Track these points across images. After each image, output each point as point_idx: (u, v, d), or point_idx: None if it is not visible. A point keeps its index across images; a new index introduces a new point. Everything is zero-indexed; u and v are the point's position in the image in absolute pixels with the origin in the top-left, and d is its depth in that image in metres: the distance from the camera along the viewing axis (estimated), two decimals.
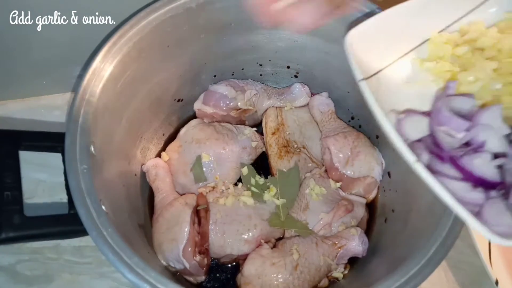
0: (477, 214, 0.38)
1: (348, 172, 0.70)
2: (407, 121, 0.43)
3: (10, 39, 0.68)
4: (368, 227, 0.70)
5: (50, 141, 0.58)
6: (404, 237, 0.60)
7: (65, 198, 0.54)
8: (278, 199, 0.68)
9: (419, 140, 0.43)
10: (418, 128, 0.43)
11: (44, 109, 0.81)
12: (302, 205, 0.68)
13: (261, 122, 0.78)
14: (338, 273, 0.64)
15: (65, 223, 0.54)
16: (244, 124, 0.78)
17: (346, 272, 0.66)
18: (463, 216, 0.37)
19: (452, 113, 0.42)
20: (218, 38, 0.70)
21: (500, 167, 0.39)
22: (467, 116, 0.43)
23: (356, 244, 0.63)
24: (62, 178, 0.52)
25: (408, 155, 0.39)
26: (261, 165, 0.75)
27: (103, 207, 0.51)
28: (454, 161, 0.40)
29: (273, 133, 0.75)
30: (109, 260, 0.48)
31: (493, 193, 0.39)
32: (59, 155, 0.56)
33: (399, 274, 0.49)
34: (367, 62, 0.46)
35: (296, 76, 0.80)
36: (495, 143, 0.40)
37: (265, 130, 0.76)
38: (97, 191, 0.51)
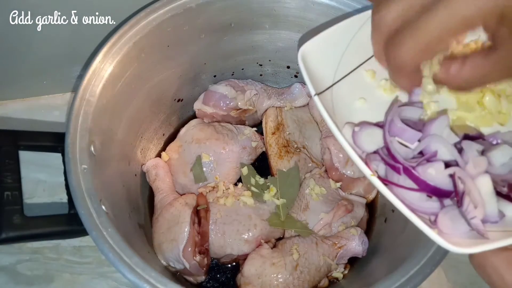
0: (434, 223, 0.39)
1: (348, 172, 0.70)
2: (363, 133, 0.43)
3: (10, 39, 0.68)
4: (368, 227, 0.70)
5: (50, 141, 0.58)
6: (404, 237, 0.60)
7: (65, 198, 0.54)
8: (278, 199, 0.68)
9: (375, 152, 0.43)
10: (373, 140, 0.43)
11: (44, 109, 0.81)
12: (302, 205, 0.68)
13: (261, 122, 0.78)
14: (338, 273, 0.64)
15: (65, 223, 0.54)
16: (244, 124, 0.78)
17: (346, 272, 0.66)
18: (420, 227, 0.38)
19: (404, 124, 0.43)
20: (218, 38, 0.70)
21: (451, 175, 0.40)
22: (418, 126, 0.44)
23: (356, 244, 0.63)
24: (62, 178, 0.52)
25: (364, 169, 0.40)
26: (261, 165, 0.75)
27: (103, 207, 0.51)
28: (408, 172, 0.40)
29: (273, 133, 0.75)
30: (109, 260, 0.48)
31: (447, 201, 0.40)
32: (59, 155, 0.56)
33: (399, 274, 0.49)
34: (321, 75, 0.46)
35: (296, 76, 0.81)
36: (445, 152, 0.41)
37: (265, 130, 0.76)
38: (97, 191, 0.51)
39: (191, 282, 0.65)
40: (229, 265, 0.68)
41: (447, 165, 0.40)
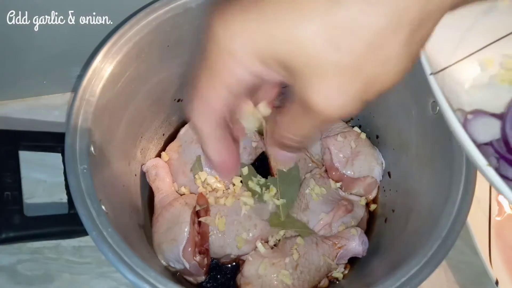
0: None
1: (348, 172, 0.70)
2: (476, 122, 0.41)
3: (8, 39, 0.68)
4: (368, 227, 0.70)
5: (50, 141, 0.58)
6: (404, 237, 0.60)
7: (65, 198, 0.54)
8: (278, 199, 0.68)
9: (487, 144, 0.41)
10: (488, 130, 0.41)
11: (43, 109, 0.80)
12: (302, 205, 0.68)
13: None
14: (338, 273, 0.64)
15: (65, 223, 0.54)
16: None
17: (346, 272, 0.66)
18: None
19: None
20: None
21: None
22: None
23: (356, 244, 0.63)
24: (62, 178, 0.52)
25: (479, 158, 0.36)
26: (261, 165, 0.75)
27: (103, 207, 0.51)
28: None
29: None
30: (109, 260, 0.48)
31: None
32: (59, 155, 0.56)
33: (399, 274, 0.49)
34: (434, 57, 0.43)
35: None
36: None
37: (265, 131, 0.76)
38: (97, 191, 0.51)
39: (191, 282, 0.65)
40: (229, 265, 0.68)
41: None
